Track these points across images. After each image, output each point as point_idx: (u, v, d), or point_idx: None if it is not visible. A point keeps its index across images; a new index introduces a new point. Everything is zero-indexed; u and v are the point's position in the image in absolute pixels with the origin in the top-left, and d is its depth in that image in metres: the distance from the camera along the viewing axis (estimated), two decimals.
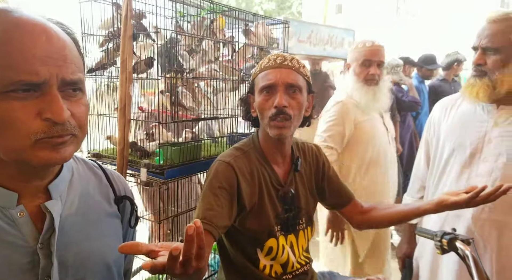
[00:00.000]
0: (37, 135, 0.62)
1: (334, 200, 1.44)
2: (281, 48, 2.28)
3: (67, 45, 0.66)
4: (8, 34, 0.60)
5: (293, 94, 1.19)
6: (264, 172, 1.25)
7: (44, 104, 0.61)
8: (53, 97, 0.62)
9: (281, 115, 1.17)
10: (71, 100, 0.66)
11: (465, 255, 1.13)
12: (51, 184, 0.72)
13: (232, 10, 1.91)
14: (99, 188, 0.85)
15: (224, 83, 1.95)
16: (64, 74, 0.63)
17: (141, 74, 1.68)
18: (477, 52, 1.37)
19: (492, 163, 1.38)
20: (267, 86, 1.19)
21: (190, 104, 1.77)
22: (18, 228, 0.67)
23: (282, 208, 1.27)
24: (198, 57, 1.81)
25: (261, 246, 1.24)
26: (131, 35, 1.49)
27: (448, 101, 1.58)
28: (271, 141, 1.26)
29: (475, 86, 1.36)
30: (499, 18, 1.31)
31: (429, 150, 1.63)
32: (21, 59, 0.59)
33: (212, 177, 1.19)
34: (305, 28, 4.34)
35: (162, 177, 1.67)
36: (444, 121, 1.54)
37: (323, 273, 1.53)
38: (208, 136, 1.98)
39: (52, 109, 0.61)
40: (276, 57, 1.23)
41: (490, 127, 1.39)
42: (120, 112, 1.59)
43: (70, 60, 0.65)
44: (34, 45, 0.60)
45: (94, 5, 1.63)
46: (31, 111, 0.61)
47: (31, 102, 0.61)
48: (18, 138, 0.61)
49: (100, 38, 1.71)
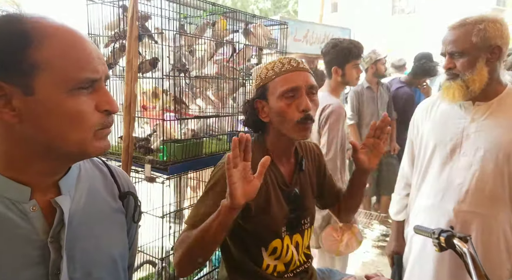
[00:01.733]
0: (96, 126, 0.70)
1: (330, 198, 1.48)
2: (279, 48, 2.34)
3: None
4: (71, 39, 0.67)
5: (312, 97, 1.21)
6: (270, 172, 1.24)
7: (99, 97, 0.70)
8: (106, 91, 0.71)
9: (308, 120, 1.18)
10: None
11: (463, 253, 1.14)
12: (61, 180, 0.75)
13: (232, 11, 1.97)
14: (104, 184, 0.88)
15: (225, 83, 2.01)
16: (106, 71, 0.73)
17: (145, 73, 1.73)
18: (446, 58, 1.47)
19: (471, 157, 1.47)
20: (290, 90, 1.17)
21: (193, 102, 1.82)
22: (30, 222, 0.70)
23: (289, 208, 1.27)
24: (200, 58, 1.87)
25: (266, 246, 1.24)
26: (136, 36, 1.55)
27: (428, 102, 1.68)
28: (282, 143, 1.26)
29: (450, 88, 1.45)
30: (458, 24, 1.42)
31: (413, 149, 1.72)
32: (88, 60, 0.68)
33: (216, 180, 1.19)
34: (301, 27, 4.39)
35: (166, 173, 1.73)
36: (426, 121, 1.63)
37: (322, 270, 1.55)
38: (209, 134, 2.04)
39: (109, 102, 0.71)
40: (289, 60, 1.22)
41: (468, 123, 1.48)
42: (125, 110, 1.64)
43: (104, 60, 0.74)
44: (91, 49, 0.69)
45: (100, 7, 1.68)
46: (91, 104, 0.69)
47: (89, 97, 0.69)
48: (83, 130, 0.68)
49: (106, 39, 1.76)
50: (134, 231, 0.97)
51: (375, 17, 18.25)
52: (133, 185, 0.99)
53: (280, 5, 23.02)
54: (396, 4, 19.01)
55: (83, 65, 0.67)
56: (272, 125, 1.25)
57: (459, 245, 1.16)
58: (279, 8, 22.80)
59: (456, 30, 1.42)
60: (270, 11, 21.45)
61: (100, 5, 1.69)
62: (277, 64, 1.22)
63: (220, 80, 1.98)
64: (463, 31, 1.40)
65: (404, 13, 18.62)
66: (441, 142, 1.54)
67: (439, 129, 1.56)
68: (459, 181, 1.48)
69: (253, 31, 2.08)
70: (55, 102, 0.65)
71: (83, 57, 0.67)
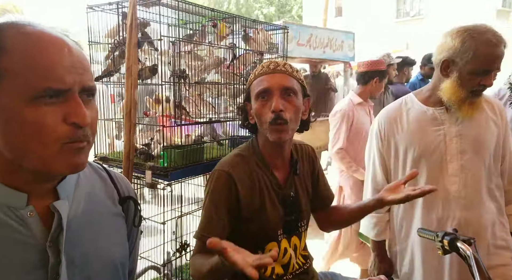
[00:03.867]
0: (63, 139, 0.66)
1: (320, 201, 1.47)
2: (280, 53, 2.34)
3: (83, 55, 0.72)
4: (37, 47, 0.65)
5: (288, 98, 1.21)
6: (264, 176, 1.27)
7: (69, 109, 0.66)
8: (77, 103, 0.67)
9: (279, 120, 1.18)
10: (87, 106, 0.70)
11: (466, 255, 1.13)
12: (59, 185, 0.75)
13: (232, 17, 1.97)
14: (104, 189, 0.88)
15: (225, 89, 2.01)
16: (84, 82, 0.69)
17: (145, 80, 1.74)
18: (490, 74, 1.47)
19: (459, 161, 1.48)
20: (262, 91, 1.21)
21: (193, 108, 1.83)
22: (28, 227, 0.70)
23: (284, 211, 1.28)
24: (200, 64, 1.87)
25: (262, 249, 1.25)
26: (136, 43, 1.56)
27: (392, 112, 1.62)
28: (270, 145, 1.28)
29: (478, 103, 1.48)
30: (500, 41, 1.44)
31: (385, 162, 1.64)
32: (51, 69, 0.65)
33: (212, 188, 1.23)
34: (304, 32, 4.38)
35: (167, 179, 1.73)
36: (399, 132, 1.58)
37: (324, 273, 1.54)
38: (211, 139, 2.04)
39: (77, 114, 0.66)
40: (269, 63, 1.26)
41: (447, 128, 1.50)
42: (125, 117, 1.65)
43: (88, 69, 0.71)
44: (61, 57, 0.66)
45: (100, 14, 1.69)
46: (57, 116, 0.66)
47: (57, 108, 0.66)
48: (45, 143, 0.65)
49: (106, 46, 1.78)
50: (135, 236, 0.97)
51: (380, 20, 18.21)
52: (133, 189, 0.98)
53: (284, 10, 23.11)
54: (400, 7, 18.96)
55: (46, 74, 0.64)
56: (258, 127, 1.28)
57: (463, 247, 1.16)
58: (284, 13, 22.88)
59: (500, 47, 1.41)
60: (275, 17, 21.55)
61: (99, 13, 1.70)
62: (258, 68, 1.28)
63: (221, 86, 1.98)
64: (436, 48, 1.49)
65: (409, 16, 18.57)
66: (425, 151, 1.52)
67: (419, 137, 1.53)
68: (455, 188, 1.48)
69: (253, 36, 2.08)
70: (13, 110, 0.64)
71: (49, 66, 0.65)
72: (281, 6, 23.11)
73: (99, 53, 1.79)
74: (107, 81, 1.83)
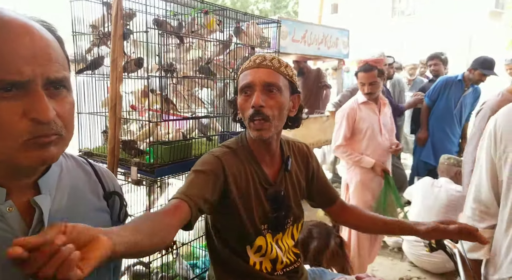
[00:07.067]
0: (25, 136, 0.62)
1: (321, 199, 1.47)
2: (273, 48, 2.29)
3: (51, 44, 0.66)
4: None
5: (271, 94, 1.17)
6: (252, 170, 1.25)
7: (29, 104, 0.61)
8: (38, 97, 0.62)
9: (258, 116, 1.16)
10: (56, 99, 0.66)
11: (453, 253, 1.17)
12: (40, 179, 0.73)
13: (222, 9, 1.92)
14: (88, 184, 0.86)
15: (214, 83, 1.96)
16: (49, 73, 0.63)
17: (131, 73, 1.68)
18: None
19: None
20: (245, 86, 1.19)
21: (180, 103, 1.78)
22: (8, 223, 0.68)
23: (271, 207, 1.27)
24: (188, 56, 1.82)
25: (250, 244, 1.25)
26: (121, 35, 1.50)
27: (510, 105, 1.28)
28: (257, 141, 1.25)
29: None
30: None
31: (495, 170, 1.27)
32: (5, 59, 0.60)
33: (198, 164, 1.20)
34: (299, 28, 4.34)
35: (153, 176, 1.68)
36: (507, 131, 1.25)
37: (313, 270, 1.55)
38: (199, 134, 1.99)
39: (37, 109, 0.61)
40: (256, 57, 1.23)
41: None
42: (110, 111, 1.59)
43: (55, 59, 0.65)
44: (18, 45, 0.61)
45: (84, 4, 1.63)
46: (16, 111, 0.61)
47: (16, 102, 0.61)
48: (6, 140, 0.61)
49: (91, 37, 1.71)
50: None
51: (375, 18, 18.23)
52: (118, 184, 0.97)
53: (280, 6, 23.01)
54: (396, 5, 18.98)
55: (0, 65, 0.59)
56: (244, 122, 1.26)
57: (449, 246, 1.19)
58: (279, 8, 22.79)
59: None
60: (270, 12, 21.44)
61: (85, 3, 1.63)
62: (247, 61, 1.26)
63: (210, 81, 1.93)
64: None
65: (404, 15, 18.59)
66: None
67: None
68: None
69: (245, 30, 2.03)
70: None
71: (4, 56, 0.59)
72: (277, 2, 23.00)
73: (84, 44, 1.73)
74: (92, 74, 1.77)
